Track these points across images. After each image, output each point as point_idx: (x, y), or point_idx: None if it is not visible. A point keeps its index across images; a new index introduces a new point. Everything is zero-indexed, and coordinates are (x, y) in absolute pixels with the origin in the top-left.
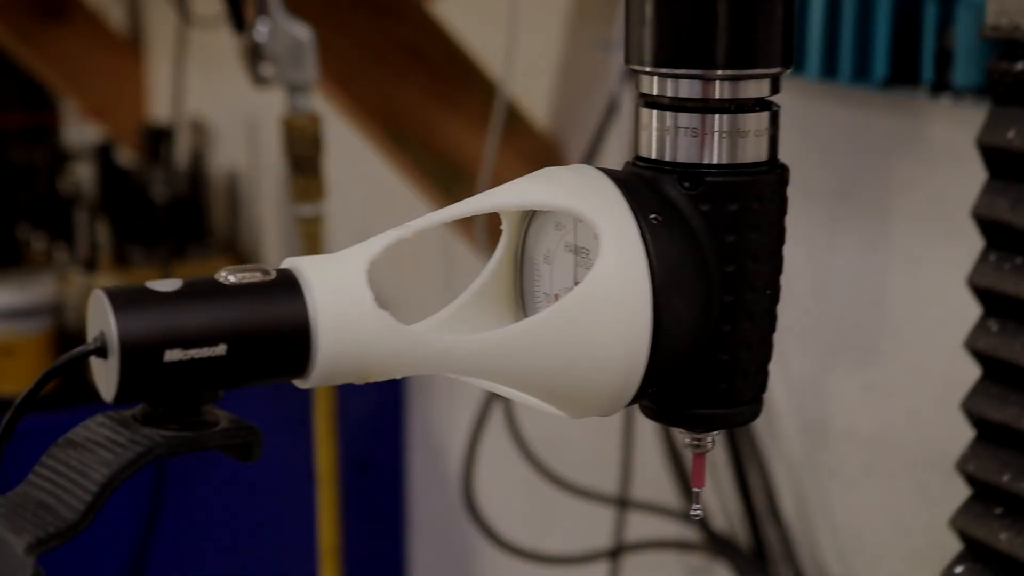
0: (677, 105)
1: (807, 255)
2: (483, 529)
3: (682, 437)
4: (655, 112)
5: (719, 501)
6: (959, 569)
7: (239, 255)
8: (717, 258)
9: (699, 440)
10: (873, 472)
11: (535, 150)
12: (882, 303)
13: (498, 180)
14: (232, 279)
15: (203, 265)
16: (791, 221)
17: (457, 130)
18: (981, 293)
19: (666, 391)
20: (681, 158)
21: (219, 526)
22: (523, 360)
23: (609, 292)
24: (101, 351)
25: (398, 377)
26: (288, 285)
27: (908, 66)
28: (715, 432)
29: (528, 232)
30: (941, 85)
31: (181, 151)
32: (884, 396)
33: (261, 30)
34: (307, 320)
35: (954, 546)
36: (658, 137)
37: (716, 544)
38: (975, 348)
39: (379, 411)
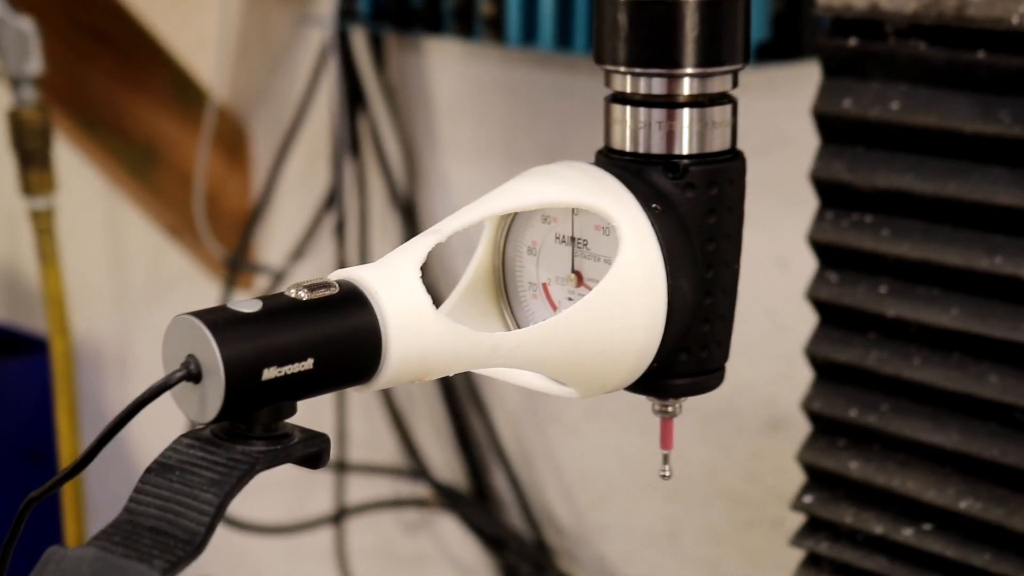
0: (653, 101)
1: None
2: None
3: (651, 404)
4: (628, 108)
5: (441, 454)
6: (808, 499)
7: None
8: (700, 239)
9: (668, 406)
10: (595, 416)
11: (219, 128)
12: None
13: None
14: (305, 295)
15: None
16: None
17: (146, 112)
18: (820, 248)
19: (656, 364)
20: (660, 150)
21: None
22: (562, 347)
23: (634, 279)
24: (194, 376)
25: (451, 375)
26: (355, 297)
27: None
28: (683, 398)
29: (511, 227)
30: None
31: None
32: None
33: None
34: (378, 329)
35: (681, 477)
36: (632, 131)
37: (442, 495)
38: (817, 298)
39: (43, 398)
